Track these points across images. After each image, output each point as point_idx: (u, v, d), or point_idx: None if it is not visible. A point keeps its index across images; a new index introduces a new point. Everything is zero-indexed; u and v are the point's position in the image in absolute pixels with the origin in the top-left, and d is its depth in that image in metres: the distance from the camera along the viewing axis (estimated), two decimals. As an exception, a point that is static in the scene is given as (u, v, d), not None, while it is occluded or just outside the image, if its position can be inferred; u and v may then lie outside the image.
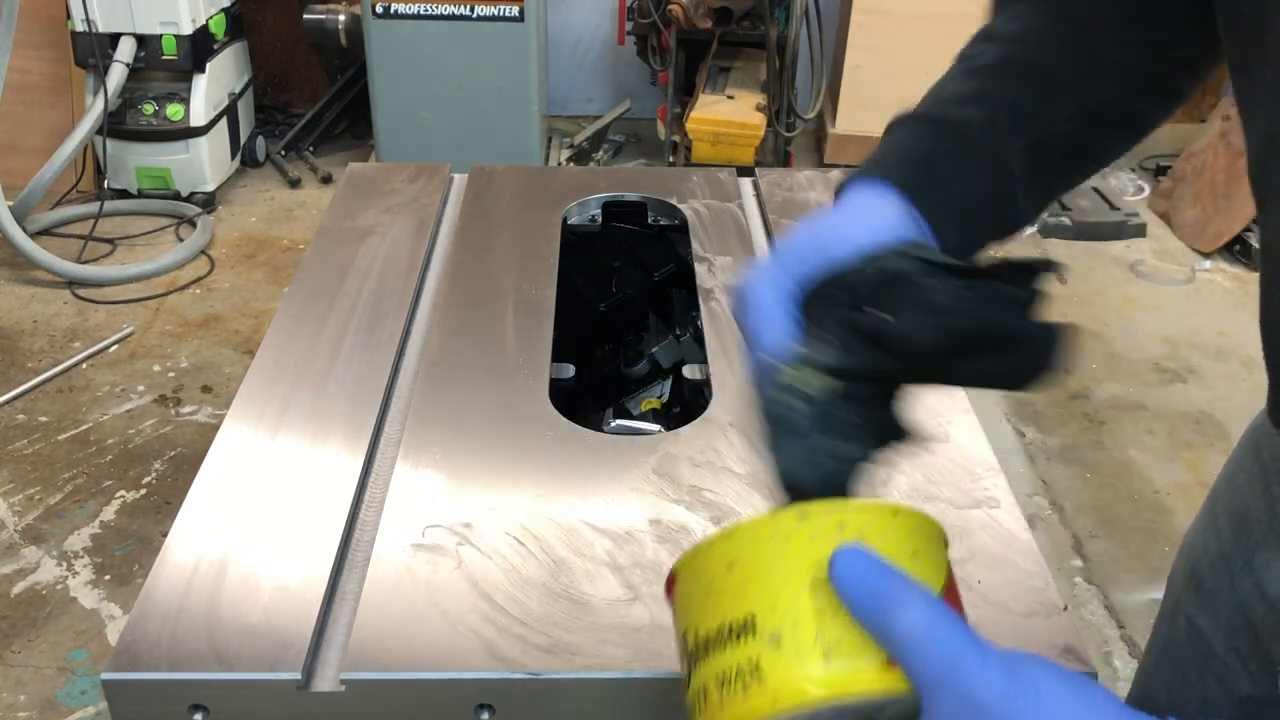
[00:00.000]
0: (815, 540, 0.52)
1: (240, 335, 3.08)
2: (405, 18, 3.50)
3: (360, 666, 0.72)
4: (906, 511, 0.54)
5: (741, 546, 0.53)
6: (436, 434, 0.94)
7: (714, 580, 0.53)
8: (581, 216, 1.38)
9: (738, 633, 0.51)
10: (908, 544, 0.53)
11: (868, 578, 0.50)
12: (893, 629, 0.49)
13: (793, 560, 0.51)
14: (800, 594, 0.51)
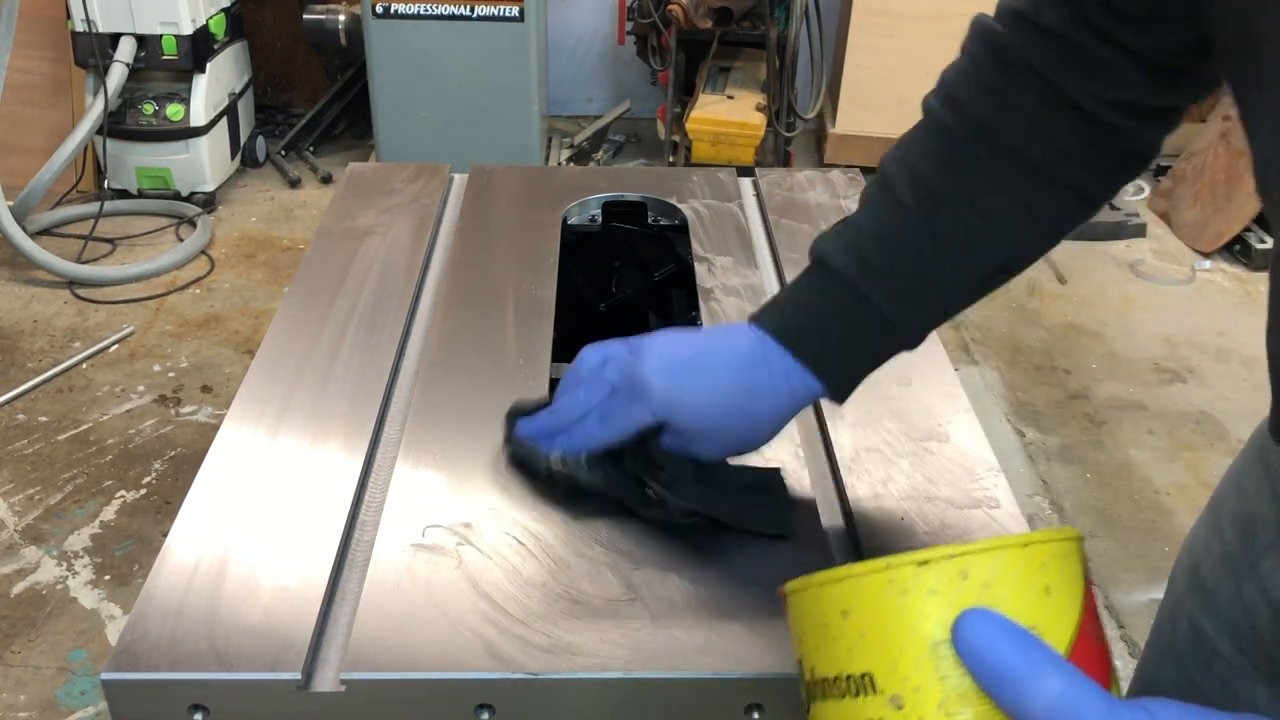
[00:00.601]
0: (936, 594, 0.48)
1: (240, 335, 3.08)
2: (405, 18, 3.50)
3: (360, 666, 0.72)
4: (1038, 541, 0.49)
5: (855, 596, 0.50)
6: (436, 434, 0.94)
7: (829, 625, 0.51)
8: (581, 216, 1.38)
9: (856, 688, 0.50)
10: (1039, 580, 0.49)
11: (995, 650, 0.47)
12: (1023, 708, 0.46)
13: (912, 618, 0.48)
14: (921, 657, 0.48)
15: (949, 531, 0.84)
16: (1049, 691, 0.46)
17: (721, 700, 0.73)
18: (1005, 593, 0.48)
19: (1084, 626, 0.50)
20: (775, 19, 3.65)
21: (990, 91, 0.74)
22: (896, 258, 0.75)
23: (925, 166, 0.76)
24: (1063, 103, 0.72)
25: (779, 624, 0.75)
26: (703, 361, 0.78)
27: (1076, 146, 0.73)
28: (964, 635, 0.47)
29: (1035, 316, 3.25)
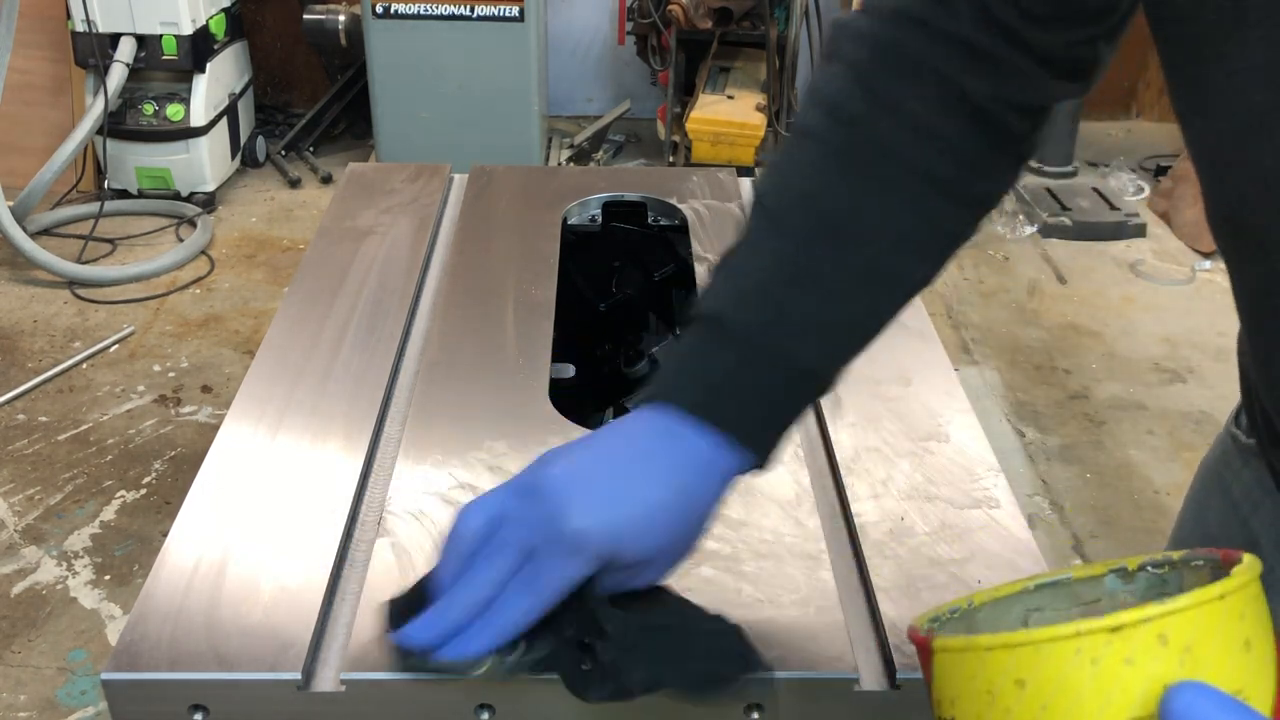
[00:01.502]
0: (1133, 664, 0.43)
1: (240, 335, 3.08)
2: (405, 18, 3.50)
3: (360, 666, 0.72)
4: (1234, 590, 0.45)
5: (1035, 665, 0.45)
6: (436, 434, 0.94)
7: (999, 695, 0.46)
8: (581, 216, 1.38)
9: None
10: (1239, 635, 0.44)
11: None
12: None
13: (1107, 693, 0.43)
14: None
15: (949, 531, 0.84)
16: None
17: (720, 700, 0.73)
18: (1208, 656, 0.43)
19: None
20: (775, 19, 3.65)
21: (883, 100, 0.67)
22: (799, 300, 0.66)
23: (817, 191, 0.67)
24: (963, 108, 0.67)
25: (779, 624, 0.75)
26: (627, 479, 0.64)
27: (974, 153, 0.68)
28: (1176, 714, 0.42)
29: (1035, 316, 3.25)
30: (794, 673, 0.72)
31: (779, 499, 0.87)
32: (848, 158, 0.68)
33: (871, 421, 0.96)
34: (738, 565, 0.80)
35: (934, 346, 1.08)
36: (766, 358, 0.66)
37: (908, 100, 0.67)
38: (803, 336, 0.66)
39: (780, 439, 0.68)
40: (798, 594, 0.78)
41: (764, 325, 0.66)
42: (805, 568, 0.80)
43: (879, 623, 0.77)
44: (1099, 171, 4.03)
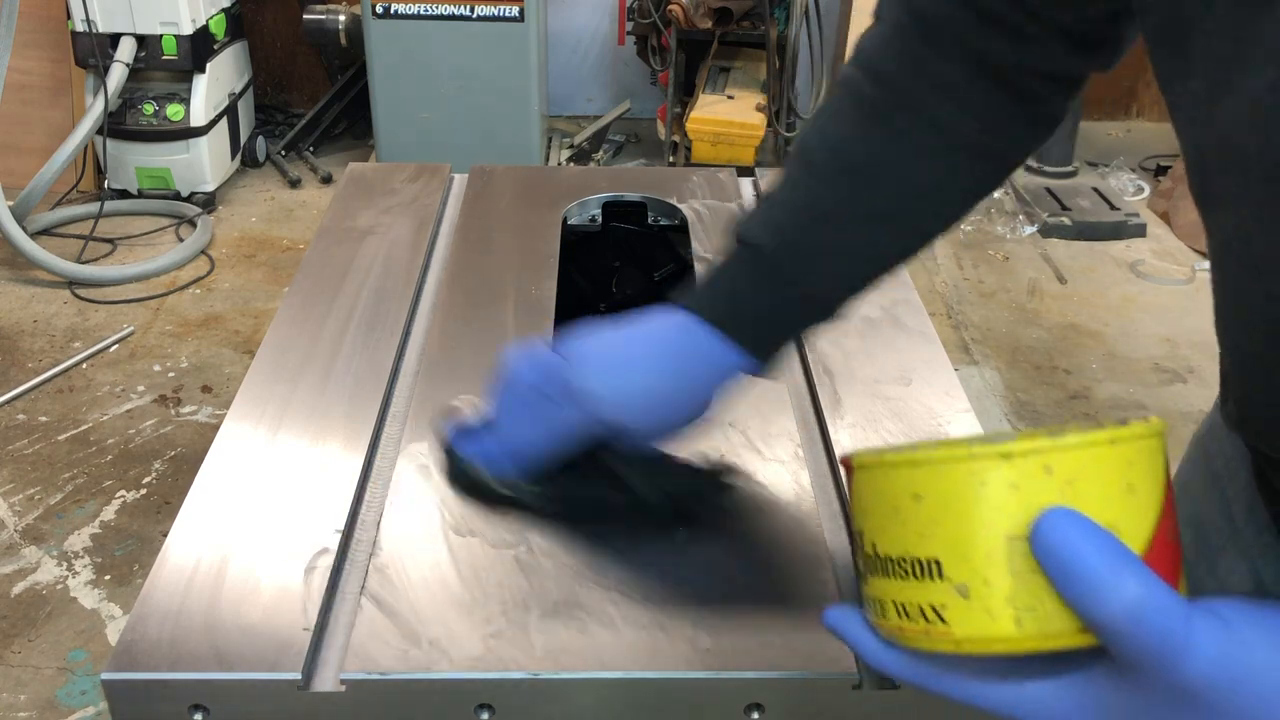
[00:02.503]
0: (1016, 489, 0.47)
1: (240, 335, 3.08)
2: (405, 18, 3.50)
3: (360, 666, 0.72)
4: (1125, 438, 0.48)
5: (931, 480, 0.49)
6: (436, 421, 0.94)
7: (899, 506, 0.50)
8: (581, 216, 1.38)
9: (921, 571, 0.49)
10: (1124, 478, 0.48)
11: (1074, 551, 0.46)
12: (1101, 613, 0.46)
13: (989, 512, 0.47)
14: (994, 551, 0.47)
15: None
16: (1126, 596, 0.45)
17: (721, 700, 0.73)
18: (1088, 491, 0.47)
19: (1162, 525, 0.49)
20: (775, 19, 3.65)
21: (914, 61, 0.73)
22: (819, 233, 0.74)
23: (848, 139, 0.75)
24: (986, 72, 0.72)
25: (779, 624, 0.75)
26: (631, 356, 0.76)
27: (996, 114, 0.73)
28: (1043, 534, 0.46)
29: (1035, 316, 3.25)
30: (794, 673, 0.72)
31: (779, 499, 0.87)
32: (878, 111, 0.74)
33: (871, 421, 0.96)
34: (738, 565, 0.80)
35: (934, 346, 1.08)
36: (784, 281, 0.74)
37: (935, 61, 0.72)
38: (819, 266, 0.74)
39: (782, 351, 0.78)
40: (797, 594, 0.78)
41: (786, 252, 0.74)
42: (805, 568, 0.80)
43: (879, 623, 0.77)
44: (1099, 171, 4.03)
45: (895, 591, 0.51)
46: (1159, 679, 0.46)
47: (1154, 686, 0.47)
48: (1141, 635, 0.45)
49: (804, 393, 1.03)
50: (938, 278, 3.42)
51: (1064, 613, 0.47)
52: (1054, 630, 0.47)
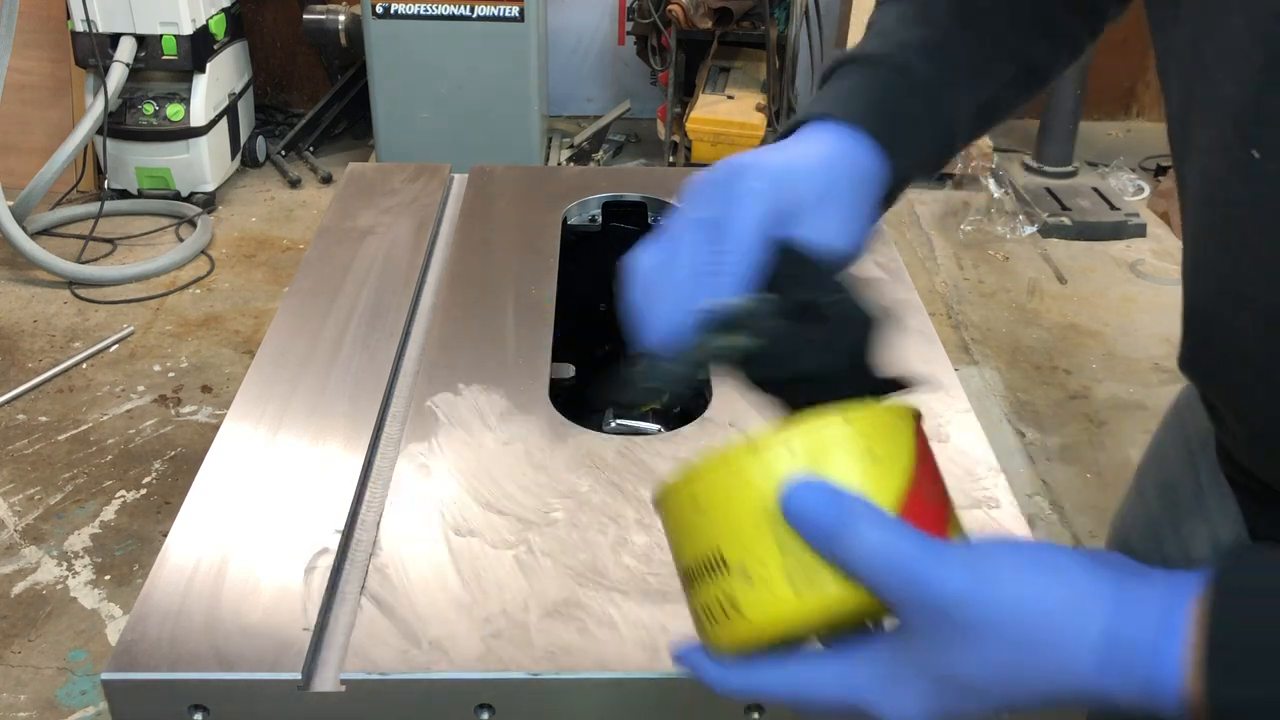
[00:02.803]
0: (768, 472, 0.52)
1: (240, 335, 3.08)
2: (405, 18, 3.50)
3: (360, 666, 0.72)
4: (859, 414, 0.54)
5: (703, 486, 0.54)
6: (436, 434, 0.94)
7: (685, 518, 0.55)
8: (581, 216, 1.38)
9: (712, 568, 0.53)
10: (862, 447, 0.53)
11: (816, 510, 0.51)
12: (849, 559, 0.50)
13: (749, 496, 0.52)
14: (760, 529, 0.52)
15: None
16: (867, 541, 0.50)
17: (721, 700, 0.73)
18: (830, 463, 0.52)
19: (915, 485, 0.53)
20: (775, 19, 3.65)
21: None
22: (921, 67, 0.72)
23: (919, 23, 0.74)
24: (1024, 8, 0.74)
25: (779, 624, 0.75)
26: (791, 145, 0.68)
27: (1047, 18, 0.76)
28: (787, 503, 0.51)
29: (1035, 316, 3.25)
30: (794, 673, 0.72)
31: (779, 499, 0.87)
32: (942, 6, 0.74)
33: (871, 421, 0.96)
34: (738, 565, 0.80)
35: (934, 346, 1.08)
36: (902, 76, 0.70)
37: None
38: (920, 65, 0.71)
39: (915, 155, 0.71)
40: (798, 594, 0.78)
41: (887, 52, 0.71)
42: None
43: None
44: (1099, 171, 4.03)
45: (701, 596, 0.55)
46: (917, 611, 0.50)
47: (916, 622, 0.51)
48: (890, 574, 0.50)
49: (804, 393, 1.03)
50: (938, 278, 3.42)
51: (835, 576, 0.51)
52: (831, 594, 0.51)
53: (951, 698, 0.52)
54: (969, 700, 0.52)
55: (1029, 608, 0.49)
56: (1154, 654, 0.47)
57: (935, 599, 0.50)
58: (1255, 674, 0.45)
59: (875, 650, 0.54)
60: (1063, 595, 0.49)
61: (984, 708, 0.52)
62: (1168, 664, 0.47)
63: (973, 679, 0.51)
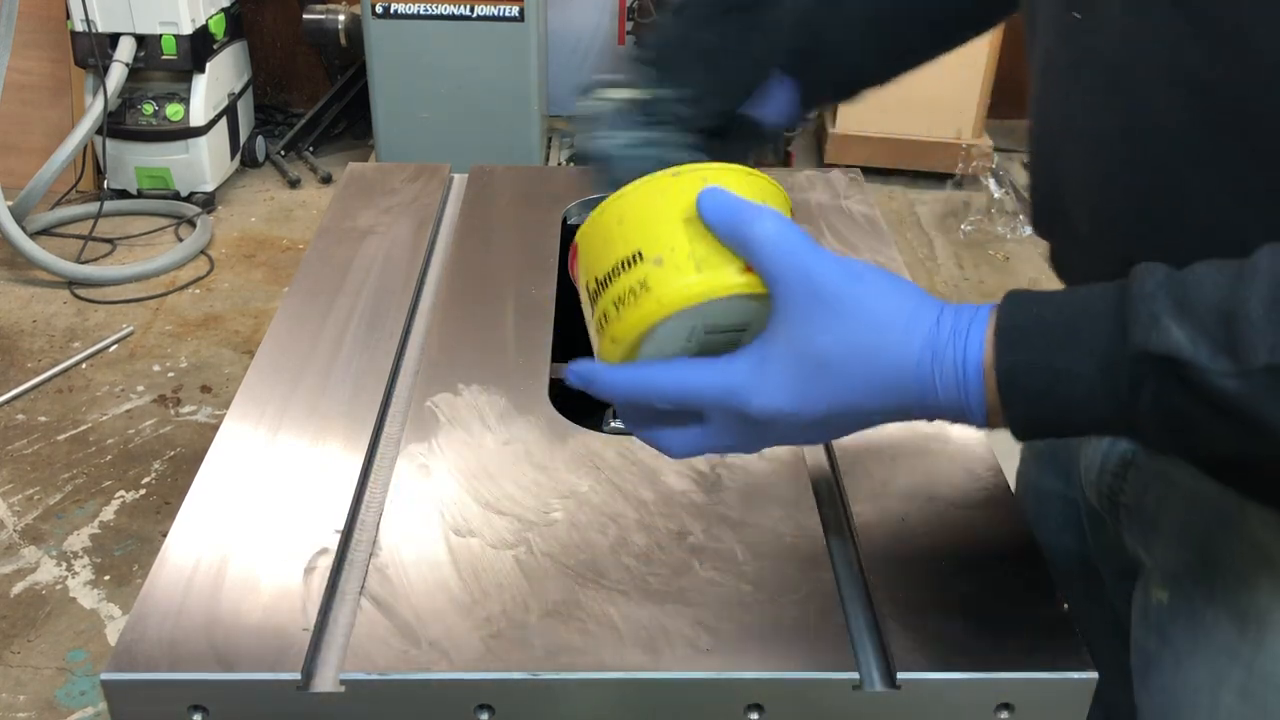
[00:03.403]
0: (685, 190, 0.64)
1: (240, 335, 3.08)
2: (405, 18, 3.50)
3: (360, 666, 0.72)
4: (760, 175, 0.67)
5: (628, 204, 0.65)
6: (436, 434, 0.94)
7: (609, 233, 0.66)
8: (581, 216, 1.38)
9: (628, 264, 0.64)
10: (758, 196, 0.65)
11: (728, 205, 0.63)
12: (749, 238, 0.62)
13: (669, 205, 0.64)
14: (676, 227, 0.64)
15: (949, 531, 0.84)
16: (766, 224, 0.62)
17: (721, 700, 0.73)
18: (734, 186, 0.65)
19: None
20: (775, 19, 3.65)
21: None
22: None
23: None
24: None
25: (779, 624, 0.75)
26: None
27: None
28: (704, 200, 0.63)
29: (1035, 317, 3.25)
30: (794, 673, 0.72)
31: (779, 499, 0.87)
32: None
33: (871, 421, 0.96)
34: (738, 565, 0.80)
35: (934, 346, 1.08)
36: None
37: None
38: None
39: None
40: (798, 594, 0.78)
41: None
42: (805, 568, 0.80)
43: (879, 623, 0.77)
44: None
45: (611, 294, 0.66)
46: (797, 284, 0.61)
47: (794, 296, 0.62)
48: (780, 246, 0.61)
49: (804, 393, 1.03)
50: (938, 278, 3.42)
51: (732, 259, 0.63)
52: (725, 271, 0.63)
53: (810, 379, 0.62)
54: (824, 384, 0.62)
55: (884, 300, 0.62)
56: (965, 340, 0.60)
57: (815, 277, 0.61)
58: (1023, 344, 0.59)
59: (751, 346, 0.64)
60: (909, 297, 0.62)
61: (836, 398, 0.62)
62: (973, 347, 0.60)
63: (831, 354, 0.61)
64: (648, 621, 0.75)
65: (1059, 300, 0.60)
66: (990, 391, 0.60)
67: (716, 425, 0.66)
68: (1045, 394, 0.59)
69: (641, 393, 0.66)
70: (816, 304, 0.61)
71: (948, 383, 0.61)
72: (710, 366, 0.64)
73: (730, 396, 0.63)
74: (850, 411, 0.63)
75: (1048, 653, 0.74)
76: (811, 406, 0.62)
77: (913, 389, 0.61)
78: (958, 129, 3.79)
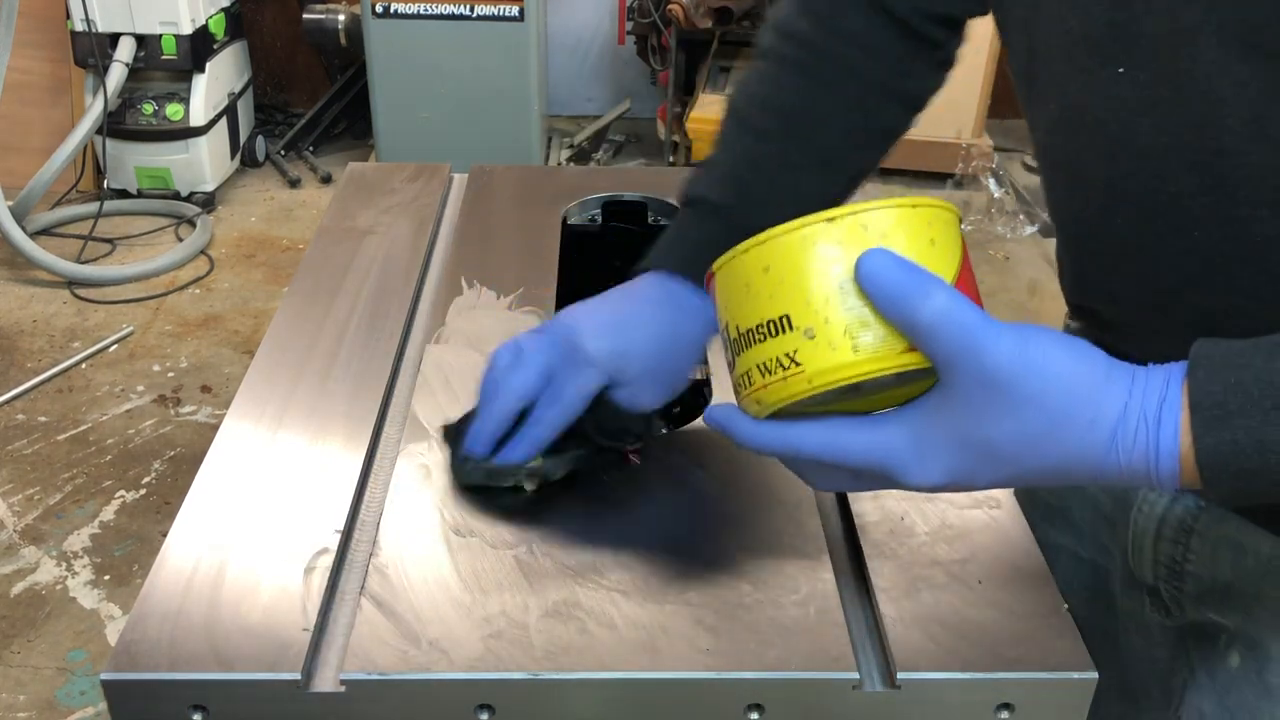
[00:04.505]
0: (842, 244, 0.58)
1: (240, 335, 3.08)
2: (405, 18, 3.50)
3: (360, 667, 0.72)
4: (925, 204, 0.60)
5: (775, 252, 0.60)
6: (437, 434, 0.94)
7: (751, 282, 0.61)
8: (581, 216, 1.38)
9: (775, 329, 0.59)
10: (926, 234, 0.59)
11: (892, 275, 0.57)
12: (916, 316, 0.56)
13: (822, 263, 0.58)
14: (830, 294, 0.58)
15: (949, 531, 0.84)
16: (936, 302, 0.56)
17: (721, 700, 0.73)
18: (898, 241, 0.59)
19: (964, 274, 0.60)
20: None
21: (821, 19, 0.86)
22: (768, 183, 0.85)
23: (774, 95, 0.87)
24: (888, 21, 0.84)
25: (779, 624, 0.75)
26: (628, 316, 0.84)
27: (902, 59, 0.86)
28: (864, 267, 0.57)
29: (1035, 316, 3.25)
30: (794, 673, 0.72)
31: (779, 499, 0.87)
32: (798, 67, 0.86)
33: (871, 421, 0.96)
34: (738, 565, 0.80)
35: (934, 346, 1.08)
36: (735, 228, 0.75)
37: (842, 16, 0.85)
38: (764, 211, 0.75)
39: None
40: (798, 594, 0.78)
41: (732, 202, 0.84)
42: (805, 568, 0.80)
43: (879, 623, 0.77)
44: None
45: (756, 356, 0.61)
46: (968, 372, 0.56)
47: (964, 383, 0.57)
48: (951, 329, 0.56)
49: (804, 393, 1.03)
50: (937, 278, 3.42)
51: (891, 334, 0.58)
52: (884, 351, 0.58)
53: (974, 463, 0.58)
54: (989, 467, 0.58)
55: (1067, 383, 0.56)
56: (1159, 428, 0.55)
57: (989, 361, 0.56)
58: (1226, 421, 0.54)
59: (909, 416, 0.59)
60: (1094, 377, 0.56)
61: (999, 476, 0.59)
62: (1167, 431, 0.55)
63: (1002, 443, 0.57)
64: (648, 621, 0.75)
65: (1256, 361, 0.54)
66: (1188, 472, 0.55)
67: (866, 481, 0.63)
68: (1257, 472, 0.54)
69: (785, 450, 0.63)
70: (990, 393, 0.56)
71: (1136, 469, 0.56)
72: (863, 433, 0.60)
73: (884, 466, 0.60)
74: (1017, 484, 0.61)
75: (1048, 653, 0.74)
76: (973, 485, 0.60)
77: (1094, 472, 0.57)
78: (958, 129, 3.79)
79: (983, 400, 0.56)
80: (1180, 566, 0.81)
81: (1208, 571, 0.80)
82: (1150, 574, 0.85)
